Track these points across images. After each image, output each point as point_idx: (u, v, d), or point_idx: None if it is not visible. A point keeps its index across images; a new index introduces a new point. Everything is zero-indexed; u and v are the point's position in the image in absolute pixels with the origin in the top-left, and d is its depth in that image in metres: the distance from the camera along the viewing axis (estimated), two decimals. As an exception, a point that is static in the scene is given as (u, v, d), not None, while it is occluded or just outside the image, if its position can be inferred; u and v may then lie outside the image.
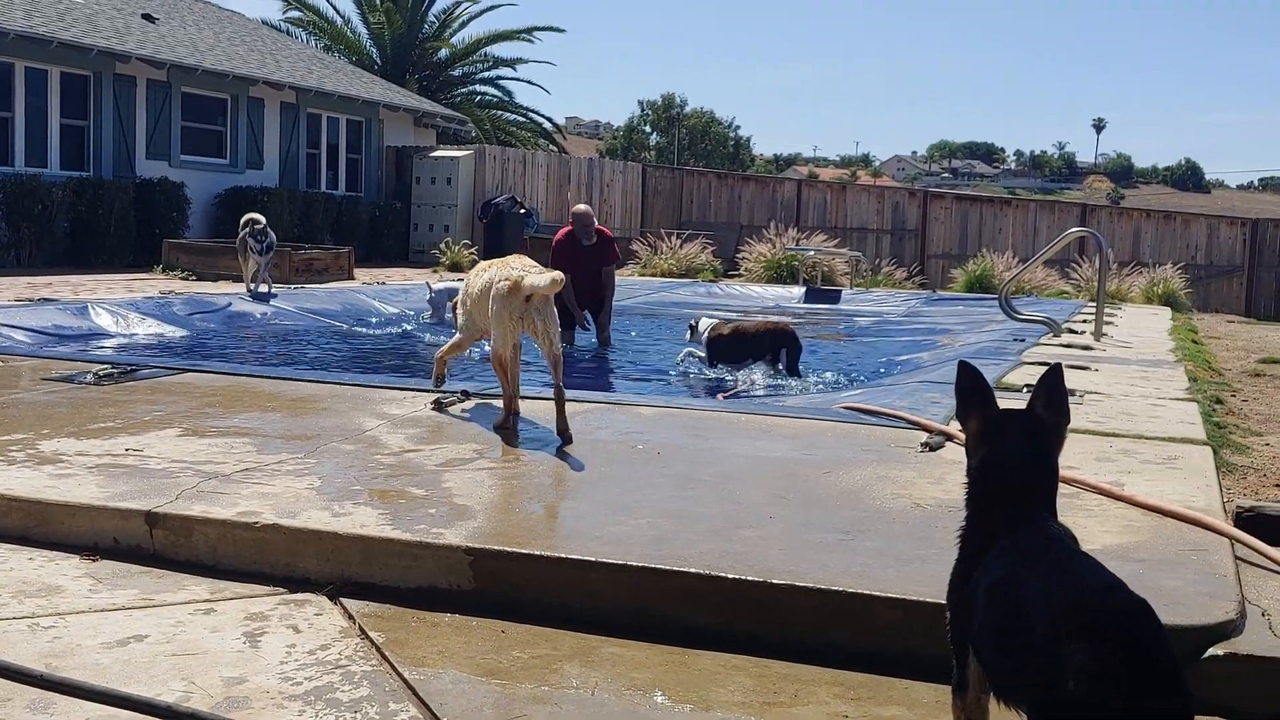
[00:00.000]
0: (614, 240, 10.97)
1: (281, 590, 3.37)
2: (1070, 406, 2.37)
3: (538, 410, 5.67)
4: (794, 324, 9.12)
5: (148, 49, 20.42)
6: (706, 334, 8.20)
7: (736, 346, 7.98)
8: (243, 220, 13.07)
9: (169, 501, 3.71)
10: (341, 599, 3.31)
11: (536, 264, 5.35)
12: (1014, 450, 2.27)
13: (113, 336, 9.64)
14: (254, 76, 22.41)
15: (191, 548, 3.56)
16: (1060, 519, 2.24)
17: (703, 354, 8.44)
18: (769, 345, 7.93)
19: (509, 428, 5.10)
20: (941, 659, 2.96)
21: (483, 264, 5.64)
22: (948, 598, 2.34)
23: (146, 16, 22.94)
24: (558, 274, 5.11)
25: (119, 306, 10.62)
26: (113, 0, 23.24)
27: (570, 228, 10.69)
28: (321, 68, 27.03)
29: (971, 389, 2.37)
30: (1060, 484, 4.33)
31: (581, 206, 10.99)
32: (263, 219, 13.08)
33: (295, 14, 36.33)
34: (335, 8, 37.76)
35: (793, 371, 8.00)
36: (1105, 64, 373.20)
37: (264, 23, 32.41)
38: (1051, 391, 2.29)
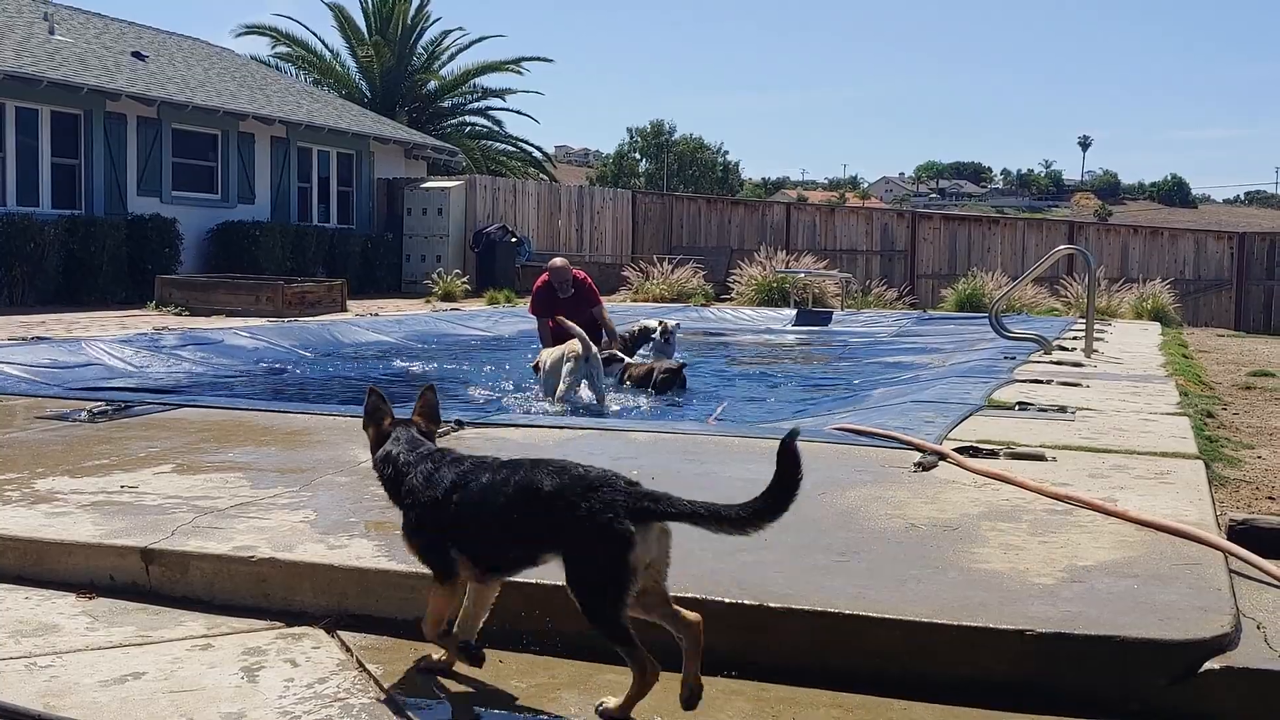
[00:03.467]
0: (591, 284, 11.16)
1: (279, 624, 3.37)
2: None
3: (533, 438, 5.68)
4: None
5: (138, 86, 20.52)
6: (624, 371, 10.04)
7: (642, 378, 9.71)
8: None
9: (165, 538, 3.71)
10: (339, 631, 3.31)
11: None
12: (405, 445, 3.11)
13: (106, 374, 9.63)
14: (244, 112, 22.51)
15: (188, 583, 3.56)
16: (1053, 536, 2.25)
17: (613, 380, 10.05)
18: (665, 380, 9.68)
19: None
20: (939, 678, 2.97)
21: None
22: (415, 531, 3.00)
23: (136, 54, 23.04)
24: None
25: (112, 344, 10.62)
26: (102, 39, 23.36)
27: (547, 276, 10.91)
28: (311, 102, 27.13)
29: (373, 409, 3.22)
30: (1054, 500, 4.37)
31: (558, 261, 11.18)
32: None
33: (284, 49, 36.51)
34: (324, 42, 37.96)
35: (680, 389, 9.76)
36: (1090, 82, 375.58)
37: (253, 58, 32.56)
38: (427, 406, 3.25)
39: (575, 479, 2.74)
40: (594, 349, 8.48)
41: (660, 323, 11.98)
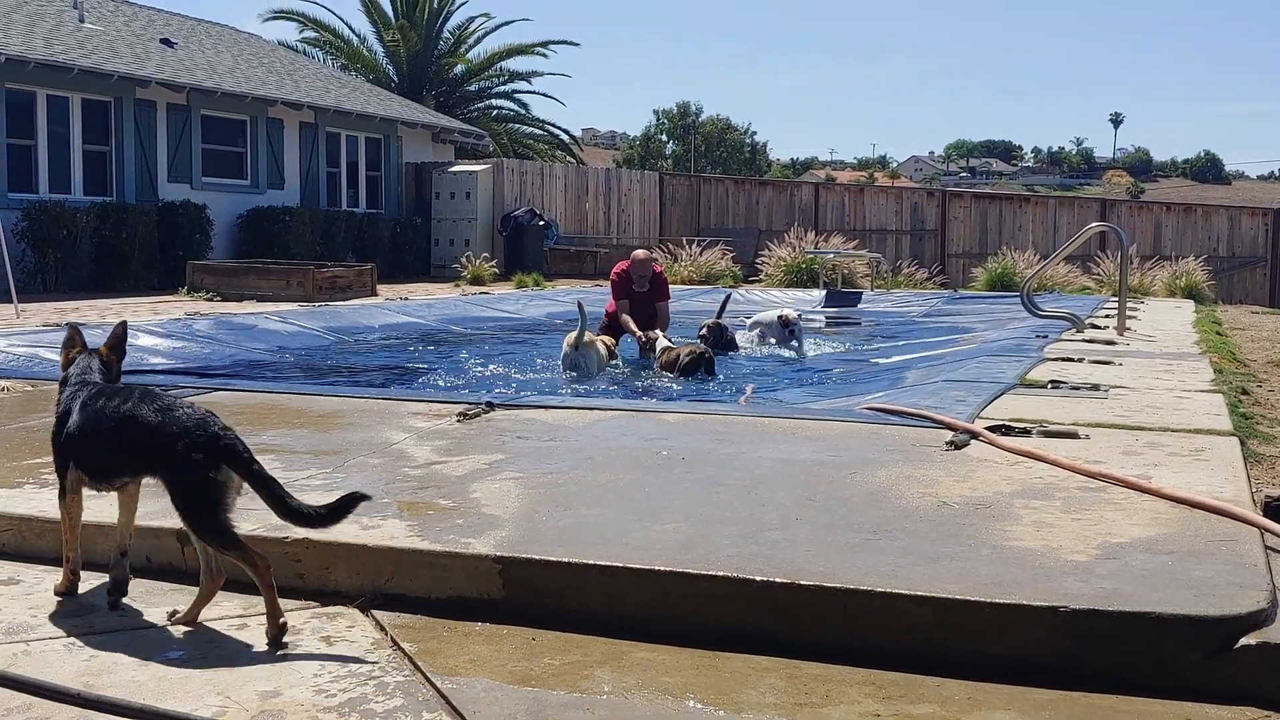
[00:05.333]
0: (665, 278, 11.47)
1: (314, 604, 3.40)
2: None
3: (563, 420, 5.69)
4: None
5: (167, 73, 20.63)
6: (661, 355, 10.30)
7: (669, 363, 9.94)
8: None
9: (200, 519, 3.73)
10: (373, 611, 3.33)
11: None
12: (76, 370, 3.52)
13: (140, 358, 9.71)
14: (272, 97, 22.59)
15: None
16: (1087, 514, 2.25)
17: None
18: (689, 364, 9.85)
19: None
20: (972, 656, 2.97)
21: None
22: (53, 444, 3.42)
23: (165, 41, 23.16)
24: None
25: (146, 328, 10.71)
26: (131, 26, 23.50)
27: (628, 265, 11.15)
28: (339, 87, 27.21)
29: (68, 339, 3.63)
30: (1087, 478, 4.35)
31: (641, 253, 11.42)
32: None
33: (311, 34, 36.62)
34: (351, 27, 38.09)
35: (708, 373, 9.84)
36: (1121, 59, 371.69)
37: (281, 44, 32.68)
38: (114, 339, 3.68)
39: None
40: (586, 338, 9.68)
41: (780, 315, 12.04)
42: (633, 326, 10.90)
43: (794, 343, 11.63)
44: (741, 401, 8.00)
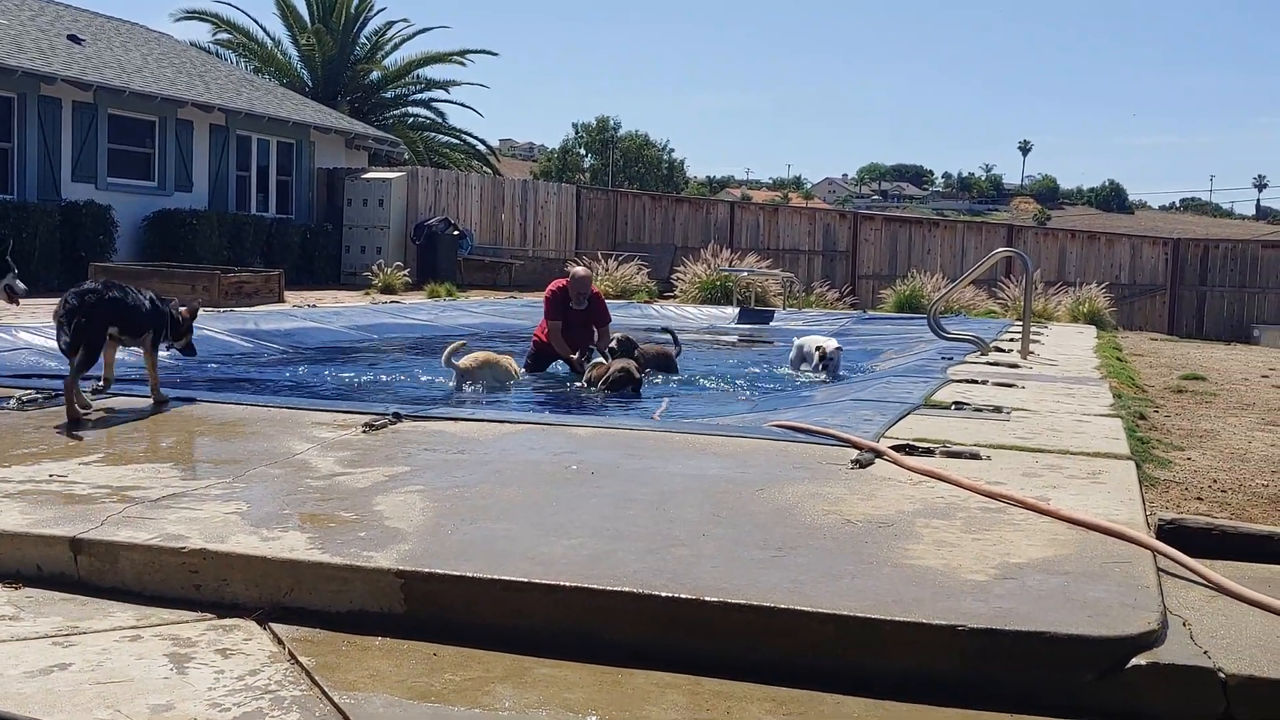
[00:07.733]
0: (604, 303, 11.06)
1: (210, 616, 3.33)
2: None
3: (472, 432, 5.65)
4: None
5: (74, 70, 20.15)
6: (592, 369, 10.12)
7: (597, 379, 9.82)
8: None
9: (94, 528, 3.64)
10: (271, 624, 3.27)
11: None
12: None
13: (38, 362, 9.45)
14: (182, 98, 22.18)
15: (117, 574, 3.50)
16: (987, 534, 2.28)
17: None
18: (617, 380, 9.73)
19: None
20: (873, 673, 3.00)
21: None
22: None
23: (73, 38, 22.63)
24: None
25: (43, 331, 10.41)
26: (38, 21, 22.92)
27: (565, 282, 10.84)
28: (251, 90, 26.80)
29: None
30: (988, 498, 4.42)
31: (581, 270, 11.06)
32: None
33: (224, 36, 36.03)
34: (265, 30, 37.58)
35: (634, 392, 9.73)
36: (1031, 88, 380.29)
37: (193, 45, 32.10)
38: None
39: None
40: (476, 364, 9.52)
41: (818, 347, 10.91)
42: (566, 349, 10.60)
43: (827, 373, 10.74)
44: (655, 416, 8.01)
